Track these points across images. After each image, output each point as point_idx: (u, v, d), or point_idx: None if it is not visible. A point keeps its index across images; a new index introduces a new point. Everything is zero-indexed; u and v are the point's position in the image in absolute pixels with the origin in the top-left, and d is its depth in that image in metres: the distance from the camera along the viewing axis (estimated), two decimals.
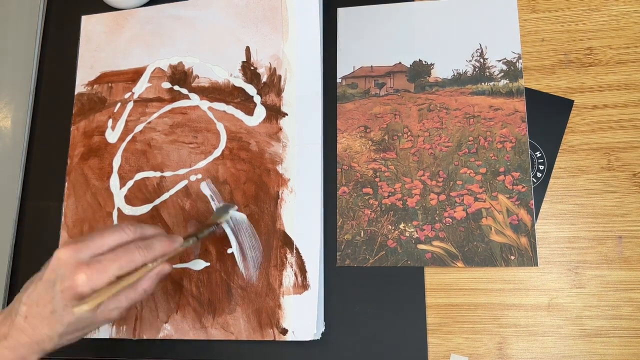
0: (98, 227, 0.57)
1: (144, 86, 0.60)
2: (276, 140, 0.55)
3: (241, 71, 0.58)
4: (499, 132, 0.53)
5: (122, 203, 0.57)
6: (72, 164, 0.59)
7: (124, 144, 0.59)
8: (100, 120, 0.60)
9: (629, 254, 0.49)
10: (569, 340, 0.48)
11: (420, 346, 0.49)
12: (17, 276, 0.58)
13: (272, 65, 0.57)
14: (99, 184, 0.58)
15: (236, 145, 0.56)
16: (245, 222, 0.53)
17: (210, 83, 0.58)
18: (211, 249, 0.54)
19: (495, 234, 0.50)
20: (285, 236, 0.52)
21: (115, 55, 0.62)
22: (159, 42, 0.61)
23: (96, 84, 0.61)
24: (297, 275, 0.51)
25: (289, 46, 0.57)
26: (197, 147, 0.57)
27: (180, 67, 0.60)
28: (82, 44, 0.63)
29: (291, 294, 0.51)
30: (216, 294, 0.52)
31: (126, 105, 0.60)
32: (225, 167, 0.56)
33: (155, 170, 0.57)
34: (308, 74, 0.56)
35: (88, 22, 0.64)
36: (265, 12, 0.59)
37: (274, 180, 0.54)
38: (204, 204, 0.55)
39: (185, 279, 0.53)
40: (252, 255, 0.52)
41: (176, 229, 0.55)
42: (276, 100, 0.56)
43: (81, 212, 0.58)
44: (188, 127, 0.58)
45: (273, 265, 0.52)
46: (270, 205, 0.54)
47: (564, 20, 0.54)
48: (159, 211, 0.56)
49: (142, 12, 0.62)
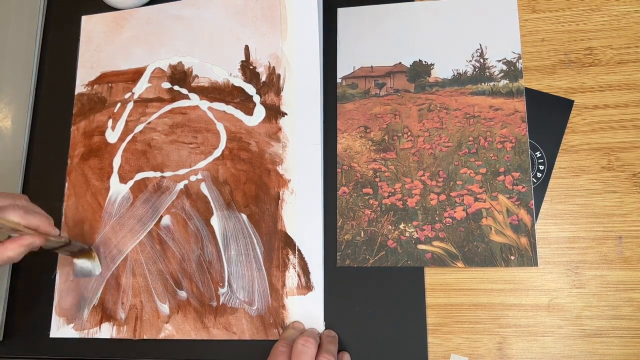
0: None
1: (144, 86, 0.60)
2: (276, 141, 0.55)
3: (240, 70, 0.58)
4: (499, 132, 0.53)
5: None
6: (72, 164, 0.59)
7: (124, 144, 0.59)
8: (101, 121, 0.60)
9: (629, 254, 0.49)
10: (569, 340, 0.48)
11: (420, 346, 0.49)
12: (17, 276, 0.58)
13: (271, 64, 0.57)
14: (99, 184, 0.58)
15: (236, 146, 0.56)
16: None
17: (210, 83, 0.58)
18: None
19: (495, 234, 0.50)
20: (287, 237, 0.53)
21: (115, 56, 0.62)
22: (158, 42, 0.61)
23: (96, 84, 0.61)
24: (300, 277, 0.51)
25: (288, 45, 0.57)
26: (197, 147, 0.57)
27: (180, 67, 0.60)
28: (82, 44, 0.63)
29: (295, 294, 0.51)
30: (217, 293, 0.53)
31: (126, 105, 0.60)
32: (226, 167, 0.56)
33: (156, 170, 0.57)
34: (307, 73, 0.56)
35: (88, 22, 0.64)
36: (264, 10, 0.59)
37: (275, 181, 0.54)
38: (204, 204, 0.55)
39: (186, 279, 0.53)
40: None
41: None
42: (275, 99, 0.56)
43: (81, 212, 0.58)
44: (188, 127, 0.58)
45: (275, 266, 0.52)
46: (271, 206, 0.54)
47: (564, 20, 0.54)
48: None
49: (141, 12, 0.62)
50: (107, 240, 0.56)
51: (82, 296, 0.55)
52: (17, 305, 0.57)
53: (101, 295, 0.55)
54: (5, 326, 0.56)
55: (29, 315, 0.57)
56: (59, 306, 0.56)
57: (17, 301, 0.57)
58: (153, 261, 0.55)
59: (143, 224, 0.56)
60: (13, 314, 0.57)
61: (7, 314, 0.56)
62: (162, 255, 0.55)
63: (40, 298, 0.57)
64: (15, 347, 0.56)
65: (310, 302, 0.51)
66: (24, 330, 0.56)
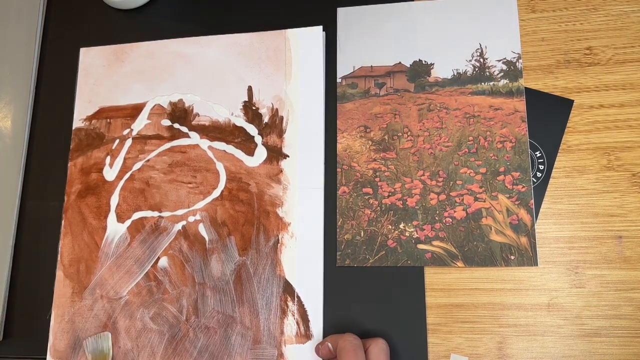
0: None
1: (143, 123, 0.59)
2: (277, 182, 0.54)
3: (242, 110, 0.57)
4: (499, 132, 0.53)
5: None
6: (69, 201, 0.58)
7: (121, 182, 0.58)
8: (98, 157, 0.59)
9: (629, 253, 0.49)
10: (569, 340, 0.48)
11: (420, 346, 0.49)
12: (17, 276, 0.58)
13: (274, 106, 0.56)
14: (96, 222, 0.57)
15: (235, 186, 0.55)
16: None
17: (211, 122, 0.58)
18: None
19: (495, 233, 0.50)
20: (286, 283, 0.52)
21: (114, 90, 0.61)
22: (159, 78, 0.60)
23: (94, 119, 0.60)
24: (299, 324, 0.51)
25: (292, 87, 0.56)
26: (196, 187, 0.56)
27: (181, 104, 0.59)
28: (80, 77, 0.62)
29: (293, 343, 0.50)
30: (214, 340, 0.52)
31: (124, 142, 0.59)
32: (224, 208, 0.55)
33: (153, 210, 0.56)
34: (310, 116, 0.55)
35: (86, 55, 0.62)
36: (269, 52, 0.58)
37: (274, 224, 0.53)
38: (201, 246, 0.54)
39: (183, 325, 0.53)
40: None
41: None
42: (277, 141, 0.56)
43: (77, 251, 0.56)
44: (187, 166, 0.57)
45: (273, 312, 0.51)
46: (269, 249, 0.53)
47: (564, 20, 0.54)
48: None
49: (142, 47, 0.61)
50: (103, 281, 0.55)
51: (78, 338, 0.54)
52: (17, 305, 0.57)
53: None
54: (5, 326, 0.56)
55: (29, 316, 0.57)
56: (53, 347, 0.54)
57: (17, 301, 0.57)
58: (150, 304, 0.54)
59: (140, 265, 0.55)
60: (13, 314, 0.57)
61: (7, 314, 0.56)
62: (159, 297, 0.53)
63: (41, 298, 0.57)
64: (15, 347, 0.56)
65: (309, 351, 0.50)
66: (24, 330, 0.56)
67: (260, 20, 0.60)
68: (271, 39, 0.59)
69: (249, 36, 0.59)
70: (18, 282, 0.58)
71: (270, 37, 0.59)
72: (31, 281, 0.58)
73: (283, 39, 0.58)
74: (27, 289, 0.57)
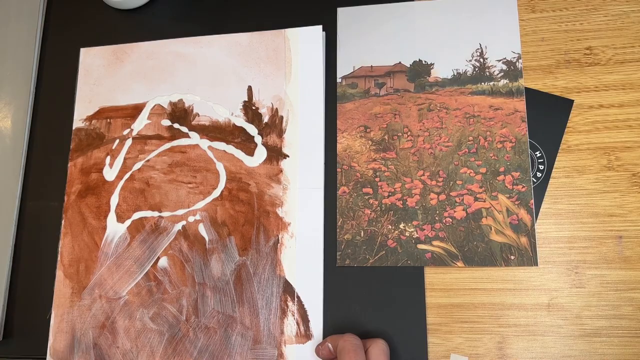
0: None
1: (143, 123, 0.59)
2: (276, 182, 0.54)
3: (242, 110, 0.57)
4: (499, 132, 0.53)
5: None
6: (69, 201, 0.58)
7: (121, 182, 0.58)
8: (98, 157, 0.59)
9: (629, 253, 0.49)
10: (569, 340, 0.48)
11: (420, 346, 0.49)
12: (17, 276, 0.58)
13: (274, 106, 0.57)
14: (96, 222, 0.57)
15: (235, 186, 0.55)
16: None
17: (211, 122, 0.58)
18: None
19: (495, 233, 0.50)
20: (286, 283, 0.52)
21: (115, 90, 0.61)
22: (159, 78, 0.60)
23: (94, 119, 0.60)
24: (299, 325, 0.50)
25: (292, 87, 0.56)
26: (196, 187, 0.56)
27: (181, 104, 0.59)
28: (80, 77, 0.62)
29: (293, 343, 0.50)
30: (214, 340, 0.52)
31: (125, 142, 0.59)
32: (224, 208, 0.55)
33: (153, 210, 0.56)
34: (310, 116, 0.55)
35: (87, 56, 0.62)
36: (269, 52, 0.58)
37: (274, 224, 0.53)
38: (201, 246, 0.54)
39: (183, 325, 0.53)
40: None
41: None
42: (277, 141, 0.56)
43: (77, 252, 0.56)
44: (187, 166, 0.57)
45: (273, 313, 0.51)
46: (269, 249, 0.53)
47: (564, 20, 0.54)
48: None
49: (142, 47, 0.61)
50: (102, 281, 0.55)
51: (77, 338, 0.54)
52: (17, 305, 0.57)
53: (95, 338, 0.54)
54: (5, 326, 0.56)
55: (29, 316, 0.57)
56: (52, 347, 0.54)
57: (17, 301, 0.57)
58: (149, 304, 0.54)
59: (140, 265, 0.55)
60: (13, 314, 0.57)
61: (7, 314, 0.56)
62: (159, 297, 0.53)
63: (41, 298, 0.57)
64: (15, 347, 0.56)
65: (309, 351, 0.50)
66: (24, 330, 0.56)
67: (260, 20, 0.60)
68: (271, 39, 0.59)
69: (248, 36, 0.59)
70: (18, 282, 0.58)
71: (270, 37, 0.59)
72: (31, 281, 0.58)
73: (283, 39, 0.58)
74: (27, 289, 0.57)
